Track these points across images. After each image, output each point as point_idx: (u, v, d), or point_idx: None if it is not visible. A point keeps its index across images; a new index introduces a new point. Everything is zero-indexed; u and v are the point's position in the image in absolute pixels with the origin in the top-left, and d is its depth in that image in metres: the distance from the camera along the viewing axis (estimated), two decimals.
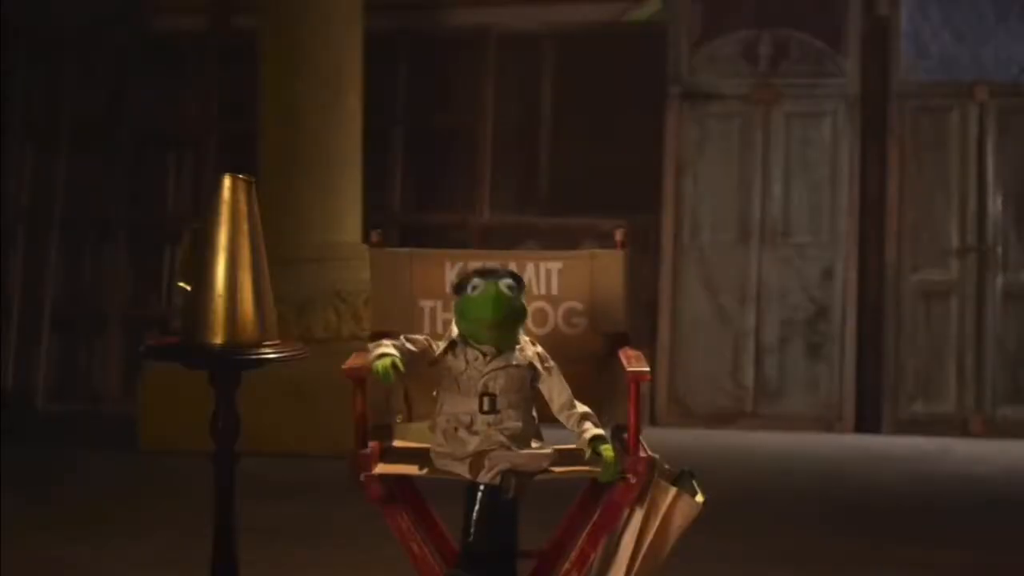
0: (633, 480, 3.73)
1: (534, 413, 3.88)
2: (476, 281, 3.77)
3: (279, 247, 7.67)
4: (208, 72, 9.92)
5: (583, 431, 3.79)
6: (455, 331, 3.83)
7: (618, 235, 4.23)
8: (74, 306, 9.86)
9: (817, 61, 9.35)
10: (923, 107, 9.28)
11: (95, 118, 9.94)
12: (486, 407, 3.77)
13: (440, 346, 3.85)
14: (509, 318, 3.76)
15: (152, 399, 7.95)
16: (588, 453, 3.76)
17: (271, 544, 5.74)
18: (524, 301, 3.83)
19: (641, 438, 3.79)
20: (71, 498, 6.88)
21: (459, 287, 3.80)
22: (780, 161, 9.37)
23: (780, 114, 9.37)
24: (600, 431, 3.79)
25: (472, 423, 3.78)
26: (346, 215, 8.33)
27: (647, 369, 3.80)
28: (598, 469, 3.76)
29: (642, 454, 3.77)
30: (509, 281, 3.78)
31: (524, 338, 3.86)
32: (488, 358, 3.78)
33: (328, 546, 5.94)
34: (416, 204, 9.78)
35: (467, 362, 3.79)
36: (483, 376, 3.77)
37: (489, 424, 3.76)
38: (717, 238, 9.39)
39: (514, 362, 3.80)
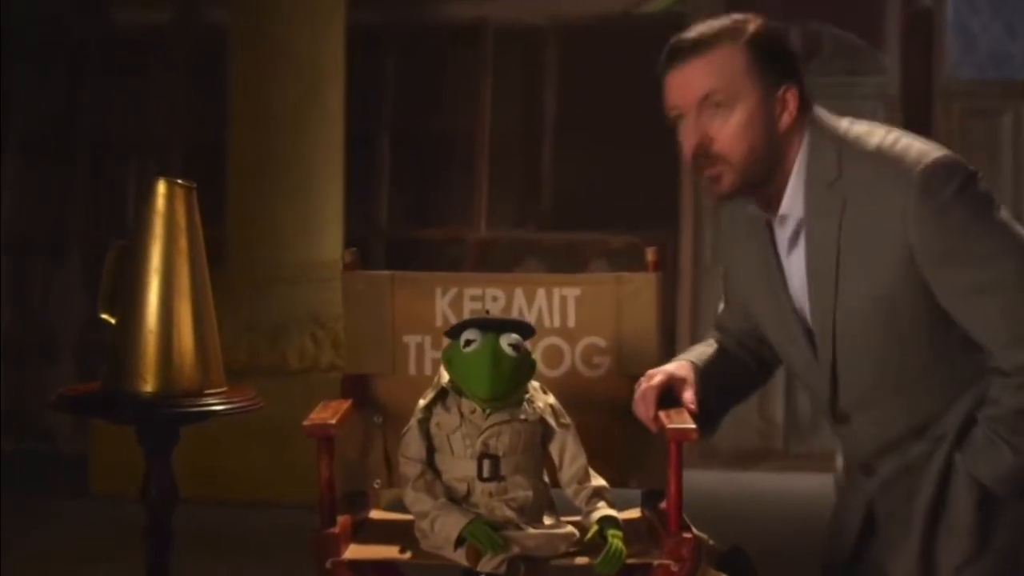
0: (675, 568, 3.08)
1: (545, 478, 3.23)
2: (472, 334, 3.11)
3: (249, 266, 7.95)
4: (174, 71, 9.68)
5: (592, 510, 3.16)
6: (445, 377, 3.18)
7: (650, 254, 3.58)
8: (23, 333, 9.58)
9: (852, 57, 9.17)
10: (971, 108, 9.09)
11: (47, 122, 9.68)
12: (486, 473, 3.11)
13: (427, 398, 3.20)
14: (511, 385, 3.12)
15: (103, 439, 7.59)
16: (592, 532, 3.12)
17: None
18: (532, 356, 3.18)
19: (685, 515, 3.13)
20: (20, 549, 6.59)
21: (452, 332, 3.16)
22: None
23: None
24: (613, 512, 3.15)
25: (469, 492, 3.13)
26: (326, 230, 8.06)
27: (692, 426, 3.14)
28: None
29: (686, 534, 3.11)
30: (514, 338, 3.12)
31: (534, 384, 3.21)
32: (488, 410, 3.13)
33: None
34: (405, 218, 9.55)
35: (462, 416, 3.14)
36: (482, 433, 3.12)
37: (491, 494, 3.11)
38: None
39: (521, 416, 3.15)
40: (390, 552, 3.20)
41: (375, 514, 3.48)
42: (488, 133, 9.47)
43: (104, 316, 3.41)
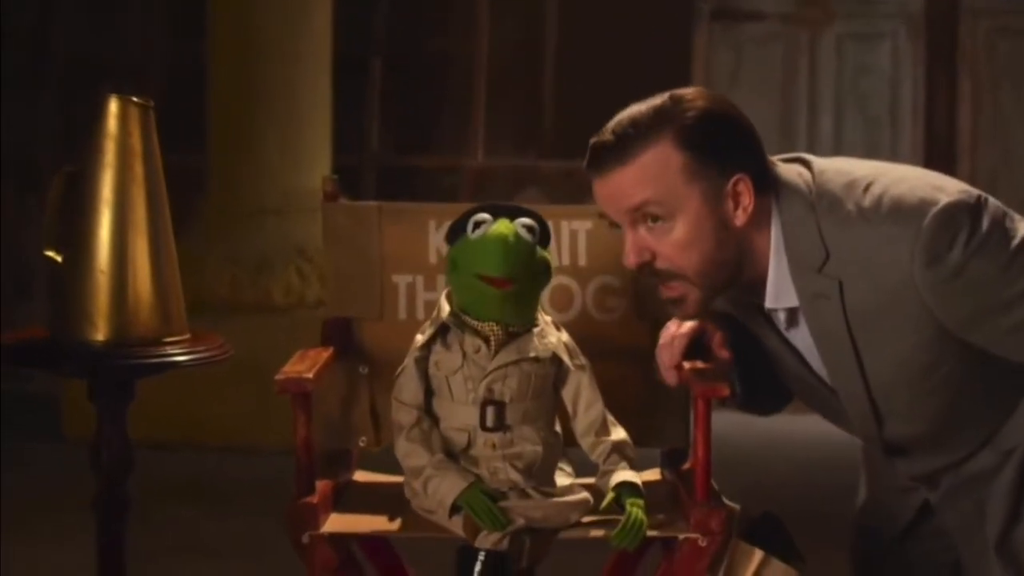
0: (703, 542, 2.76)
1: (558, 428, 2.92)
2: (482, 216, 2.79)
3: (232, 196, 7.69)
4: None
5: (610, 471, 2.85)
6: (445, 309, 2.85)
7: None
8: None
9: None
10: (1000, 27, 8.88)
11: (16, 43, 9.31)
12: (490, 422, 2.81)
13: (425, 334, 2.87)
14: (527, 274, 2.81)
15: (77, 380, 7.15)
16: (607, 501, 2.81)
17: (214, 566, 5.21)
18: (548, 257, 2.87)
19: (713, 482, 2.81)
20: None
21: (455, 229, 2.83)
22: (830, 93, 8.97)
23: (830, 36, 8.98)
24: (635, 477, 2.83)
25: (470, 444, 2.82)
26: (313, 158, 7.79)
27: (722, 381, 2.83)
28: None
29: (715, 504, 2.81)
30: (528, 221, 2.82)
31: (545, 318, 2.89)
32: (493, 348, 2.81)
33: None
34: (397, 145, 9.25)
35: (464, 355, 2.82)
36: (486, 376, 2.81)
37: (494, 446, 2.80)
38: None
39: (531, 354, 2.82)
40: (377, 523, 2.90)
41: (360, 476, 3.20)
42: (486, 55, 9.28)
43: (49, 253, 3.10)
